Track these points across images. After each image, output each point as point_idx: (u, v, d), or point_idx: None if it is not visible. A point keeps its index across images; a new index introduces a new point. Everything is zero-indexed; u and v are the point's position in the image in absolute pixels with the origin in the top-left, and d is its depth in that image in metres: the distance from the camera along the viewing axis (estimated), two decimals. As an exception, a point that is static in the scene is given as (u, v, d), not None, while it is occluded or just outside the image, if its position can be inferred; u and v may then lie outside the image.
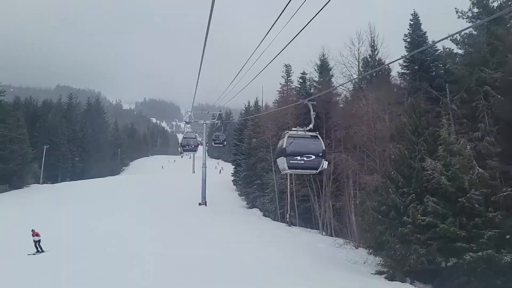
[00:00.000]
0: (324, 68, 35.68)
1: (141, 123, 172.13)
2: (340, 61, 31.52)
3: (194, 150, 32.62)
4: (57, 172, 66.50)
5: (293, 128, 10.12)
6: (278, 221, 32.81)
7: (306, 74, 36.86)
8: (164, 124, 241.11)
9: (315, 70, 36.31)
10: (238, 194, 46.37)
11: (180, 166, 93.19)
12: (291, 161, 9.52)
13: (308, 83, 36.45)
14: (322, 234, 27.45)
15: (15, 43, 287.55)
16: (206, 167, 34.34)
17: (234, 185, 51.88)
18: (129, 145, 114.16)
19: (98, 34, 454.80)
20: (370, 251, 16.56)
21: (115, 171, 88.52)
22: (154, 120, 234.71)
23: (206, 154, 37.37)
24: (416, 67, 24.18)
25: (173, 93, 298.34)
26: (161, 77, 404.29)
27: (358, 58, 32.90)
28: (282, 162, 9.68)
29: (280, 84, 40.26)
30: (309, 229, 29.23)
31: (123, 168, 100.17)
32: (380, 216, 15.53)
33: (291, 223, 30.19)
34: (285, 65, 39.95)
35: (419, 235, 14.32)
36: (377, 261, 16.73)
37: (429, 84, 22.47)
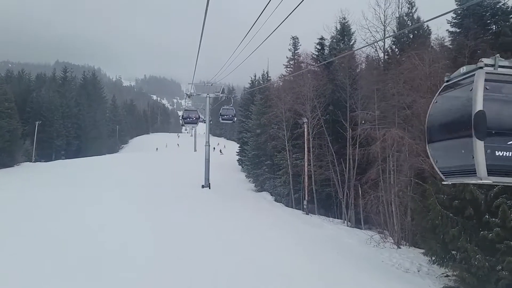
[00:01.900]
0: (346, 32, 31.10)
1: (141, 100, 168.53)
2: (363, 25, 27.23)
3: (195, 122, 31.95)
4: (51, 149, 62.62)
5: (486, 62, 3.85)
6: (292, 207, 28.86)
7: (324, 40, 32.31)
8: (164, 101, 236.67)
9: (333, 36, 31.92)
10: (246, 175, 42.38)
11: (181, 145, 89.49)
12: (497, 153, 3.56)
13: (327, 49, 31.84)
14: (347, 225, 23.51)
15: (13, 19, 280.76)
16: (209, 146, 30.25)
17: (239, 165, 47.99)
18: (129, 122, 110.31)
19: (99, 10, 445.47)
20: (433, 258, 12.50)
21: (113, 149, 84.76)
22: (154, 97, 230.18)
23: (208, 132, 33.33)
24: (471, 23, 19.52)
25: (174, 70, 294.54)
26: (162, 54, 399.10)
27: (384, 22, 28.56)
28: (467, 154, 3.65)
29: (287, 57, 36.01)
30: (330, 218, 25.28)
31: (122, 145, 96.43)
32: (451, 214, 11.43)
33: (308, 211, 26.19)
34: (292, 37, 35.81)
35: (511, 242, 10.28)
36: (439, 271, 12.75)
37: (489, 44, 17.95)
